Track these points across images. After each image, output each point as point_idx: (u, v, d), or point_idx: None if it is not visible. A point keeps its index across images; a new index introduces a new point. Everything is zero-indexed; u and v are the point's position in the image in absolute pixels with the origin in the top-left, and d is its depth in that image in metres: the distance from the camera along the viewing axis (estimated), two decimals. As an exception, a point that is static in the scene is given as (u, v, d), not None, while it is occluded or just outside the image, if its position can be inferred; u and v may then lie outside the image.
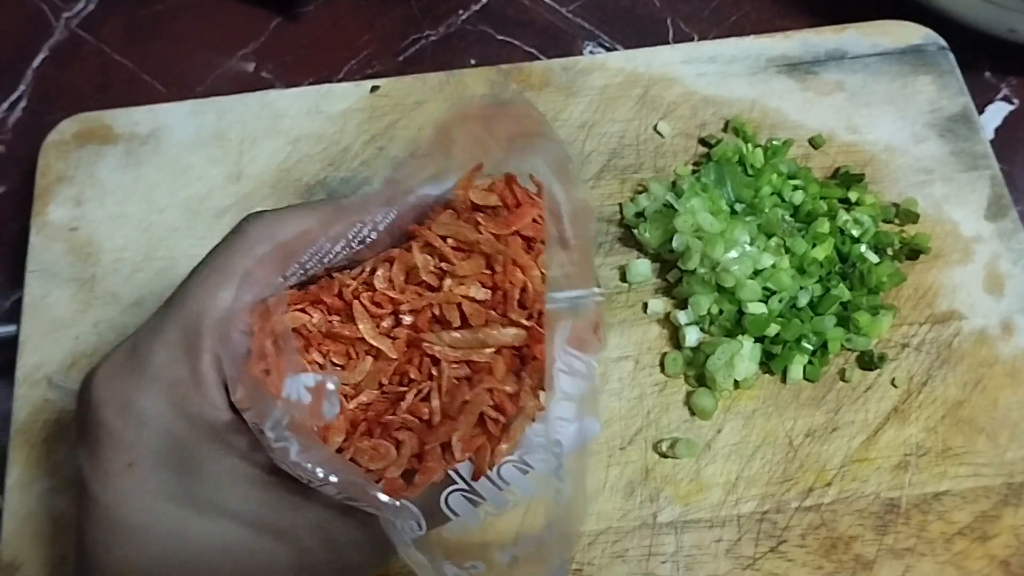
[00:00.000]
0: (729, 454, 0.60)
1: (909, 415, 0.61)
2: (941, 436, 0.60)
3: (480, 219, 0.41)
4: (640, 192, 0.69)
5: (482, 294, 0.40)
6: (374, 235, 0.40)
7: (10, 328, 0.66)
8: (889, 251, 0.66)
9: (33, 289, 0.66)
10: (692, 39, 0.81)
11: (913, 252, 0.66)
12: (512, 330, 0.39)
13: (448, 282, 0.40)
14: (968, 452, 0.60)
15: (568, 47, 0.81)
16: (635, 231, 0.66)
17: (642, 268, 0.66)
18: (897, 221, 0.68)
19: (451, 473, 0.37)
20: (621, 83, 0.74)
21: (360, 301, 0.40)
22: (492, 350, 0.39)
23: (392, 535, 0.35)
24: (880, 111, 0.72)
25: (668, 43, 0.81)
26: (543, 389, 0.37)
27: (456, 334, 0.39)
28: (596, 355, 0.38)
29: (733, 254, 0.62)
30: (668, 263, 0.66)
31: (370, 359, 0.39)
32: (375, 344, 0.39)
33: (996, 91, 0.78)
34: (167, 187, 0.70)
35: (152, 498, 0.37)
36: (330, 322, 0.39)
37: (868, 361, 0.62)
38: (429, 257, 0.41)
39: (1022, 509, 0.58)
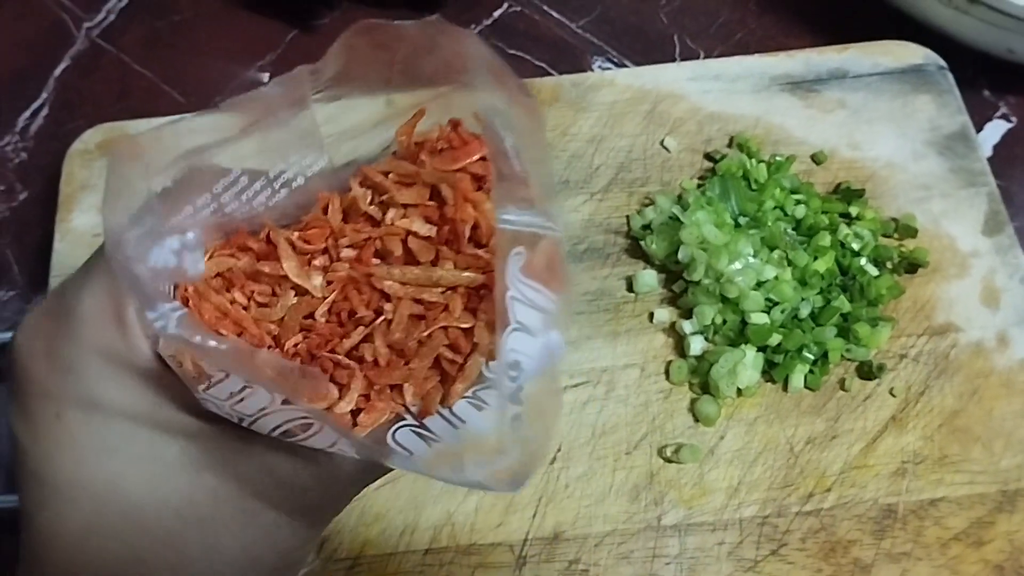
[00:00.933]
0: (732, 460, 0.62)
1: (907, 424, 0.63)
2: (938, 444, 0.62)
3: (424, 157, 0.39)
4: (647, 205, 0.71)
5: (426, 229, 0.38)
6: (301, 180, 0.38)
7: (33, 330, 0.68)
8: (888, 264, 0.68)
9: (57, 293, 0.68)
10: (698, 55, 0.83)
11: (912, 266, 0.68)
12: (468, 273, 0.36)
13: (391, 213, 0.38)
14: (964, 460, 0.62)
15: (577, 61, 0.83)
16: (642, 243, 0.68)
17: (648, 279, 0.68)
18: (896, 235, 0.70)
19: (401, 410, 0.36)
20: (629, 99, 0.76)
21: (286, 239, 0.37)
22: (444, 289, 0.37)
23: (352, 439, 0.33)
24: (881, 129, 0.74)
25: (675, 59, 0.83)
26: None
27: (409, 269, 0.37)
28: (560, 292, 0.35)
29: (737, 266, 0.64)
30: (674, 274, 0.68)
31: (291, 294, 0.37)
32: (298, 282, 0.37)
33: (995, 109, 0.80)
34: (187, 195, 0.72)
35: (82, 451, 0.34)
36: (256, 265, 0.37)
37: (867, 371, 0.64)
38: (370, 191, 0.38)
39: (1016, 515, 0.60)
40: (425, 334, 0.35)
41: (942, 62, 0.76)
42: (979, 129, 0.77)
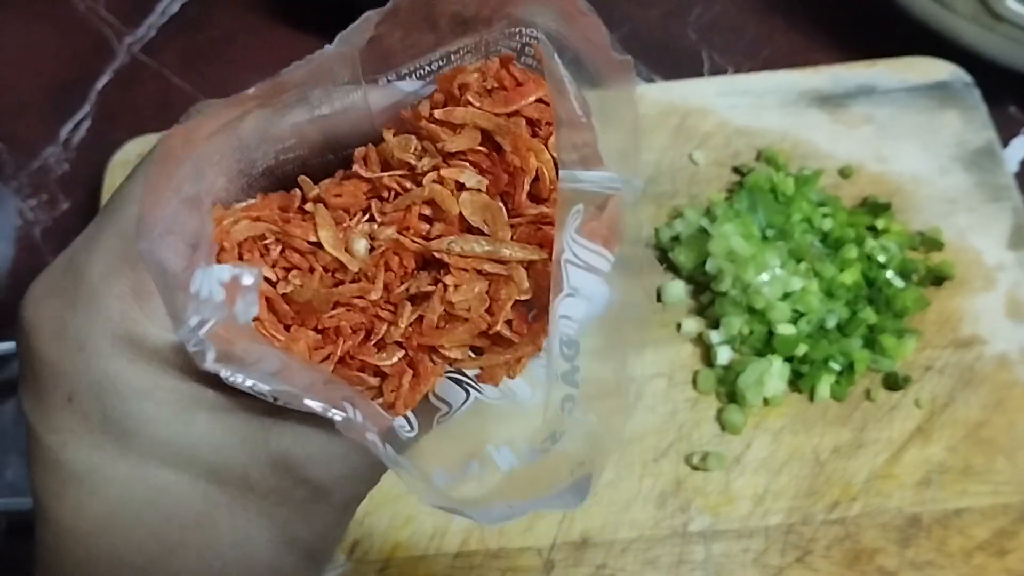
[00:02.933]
0: (758, 468, 0.63)
1: (932, 434, 0.64)
2: (962, 455, 0.63)
3: (471, 98, 0.33)
4: (675, 217, 0.72)
5: (476, 181, 0.33)
6: (325, 109, 0.34)
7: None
8: (914, 277, 0.68)
9: (98, 299, 0.70)
10: (726, 71, 0.85)
11: (937, 279, 0.69)
12: (535, 251, 0.32)
13: (425, 161, 0.33)
14: (988, 471, 0.62)
15: (607, 77, 0.84)
16: (670, 254, 0.69)
17: (676, 290, 0.69)
18: (922, 249, 0.70)
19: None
20: (659, 114, 0.77)
21: (318, 197, 0.34)
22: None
23: (375, 450, 0.29)
24: (907, 143, 0.75)
25: (703, 74, 0.84)
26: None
27: (471, 242, 0.32)
28: (615, 249, 0.32)
29: (764, 277, 0.65)
30: (701, 285, 0.69)
31: (318, 274, 0.33)
32: (334, 254, 0.33)
33: (1021, 125, 0.80)
34: (225, 205, 0.73)
35: (99, 437, 0.31)
36: (287, 230, 0.33)
37: (893, 382, 0.65)
38: (412, 138, 0.34)
39: (1040, 526, 0.61)
40: (489, 311, 0.32)
41: (968, 78, 0.77)
42: (1005, 145, 0.78)
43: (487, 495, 0.31)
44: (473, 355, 0.33)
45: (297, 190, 0.35)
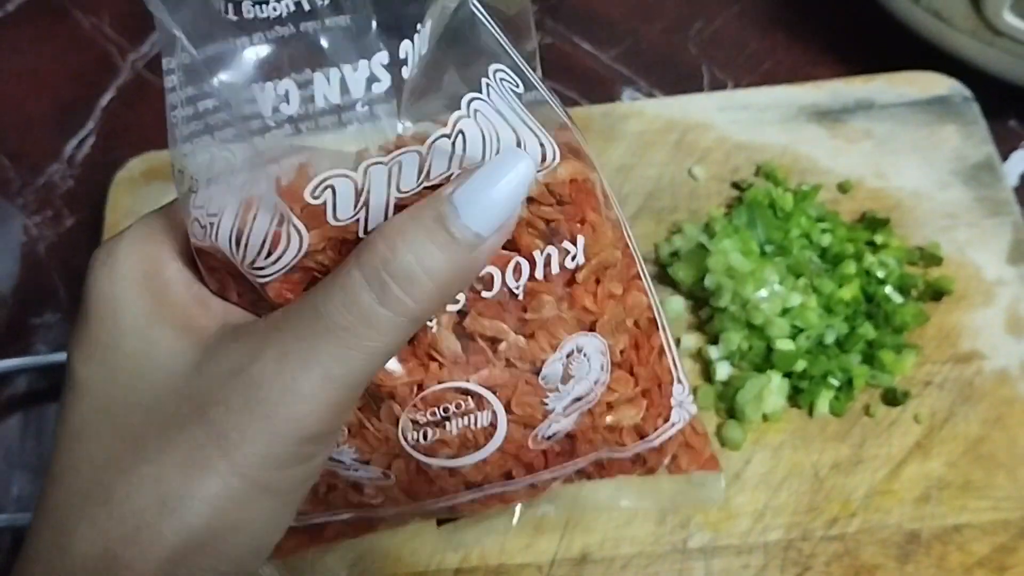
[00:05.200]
0: (757, 484, 0.63)
1: (931, 450, 0.64)
2: (962, 470, 0.63)
3: None
4: (675, 233, 0.72)
5: None
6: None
7: (79, 352, 0.70)
8: (913, 292, 0.68)
9: (102, 316, 0.70)
10: (726, 85, 0.85)
11: (937, 294, 0.69)
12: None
13: None
14: (988, 486, 0.62)
15: (608, 92, 0.85)
16: (669, 270, 0.69)
17: (676, 305, 0.69)
18: (921, 264, 0.70)
19: None
20: (658, 129, 0.77)
21: None
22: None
23: None
24: (906, 158, 0.75)
25: (703, 88, 0.85)
26: None
27: None
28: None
29: (763, 293, 0.65)
30: (701, 301, 0.69)
31: None
32: None
33: (1021, 139, 0.80)
34: (228, 222, 0.74)
35: (94, 351, 0.36)
36: None
37: (892, 397, 0.65)
38: None
39: (1039, 542, 0.61)
40: None
41: (968, 92, 0.77)
42: (1005, 158, 0.78)
43: None
44: None
45: None
